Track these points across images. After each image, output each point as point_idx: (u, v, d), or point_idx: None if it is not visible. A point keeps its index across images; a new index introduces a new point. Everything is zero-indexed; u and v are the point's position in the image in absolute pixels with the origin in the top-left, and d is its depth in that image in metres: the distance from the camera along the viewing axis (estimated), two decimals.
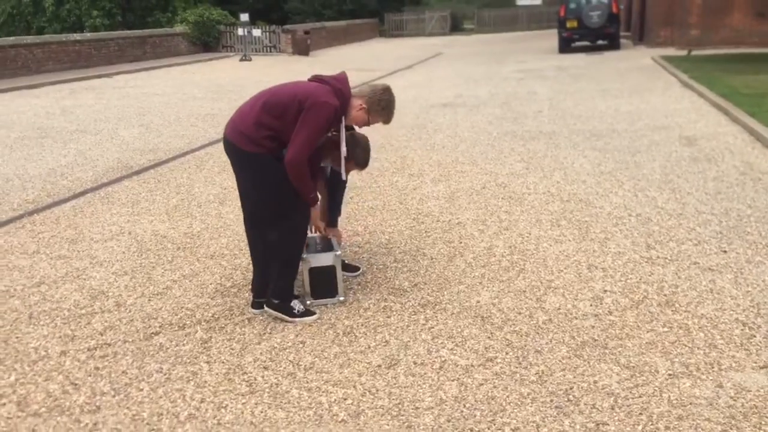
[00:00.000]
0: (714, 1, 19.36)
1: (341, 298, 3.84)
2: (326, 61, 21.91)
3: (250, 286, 3.92)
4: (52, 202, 6.24)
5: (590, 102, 10.92)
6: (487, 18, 35.33)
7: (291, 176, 3.39)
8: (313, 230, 4.07)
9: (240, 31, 23.05)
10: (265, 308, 3.70)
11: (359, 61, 21.90)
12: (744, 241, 4.54)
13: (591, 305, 3.71)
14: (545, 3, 34.91)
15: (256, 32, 24.08)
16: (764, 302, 3.63)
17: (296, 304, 3.68)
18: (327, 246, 3.94)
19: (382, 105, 3.63)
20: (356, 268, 4.30)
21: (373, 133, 4.20)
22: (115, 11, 26.12)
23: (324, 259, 3.78)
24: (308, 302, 3.79)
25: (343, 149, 3.62)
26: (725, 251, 4.38)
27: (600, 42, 21.24)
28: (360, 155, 3.85)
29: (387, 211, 5.65)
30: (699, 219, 5.03)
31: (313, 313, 3.68)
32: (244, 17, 22.55)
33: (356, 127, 3.82)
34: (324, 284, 3.81)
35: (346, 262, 4.25)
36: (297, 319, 3.62)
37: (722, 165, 6.51)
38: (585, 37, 21.01)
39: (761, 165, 6.41)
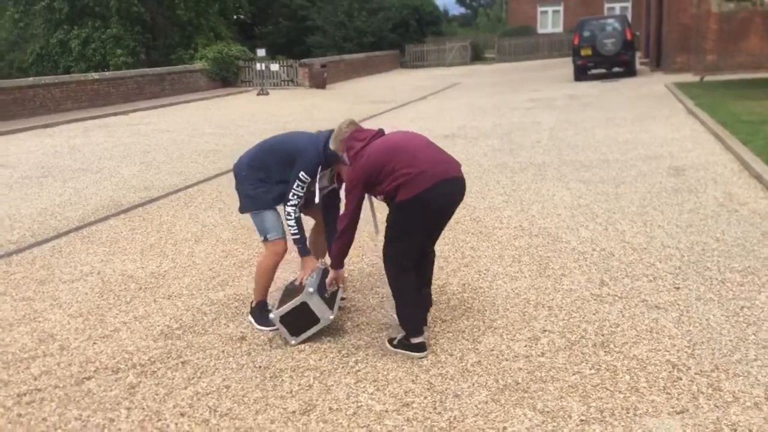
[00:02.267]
0: (730, 26, 19.15)
1: (331, 317, 3.82)
2: (342, 94, 22.15)
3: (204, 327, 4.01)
4: (34, 242, 6.37)
5: (591, 131, 10.84)
6: (507, 47, 35.38)
7: None
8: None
9: (258, 66, 23.46)
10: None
11: (375, 93, 22.08)
12: (700, 276, 4.44)
13: (525, 346, 3.66)
14: (566, 31, 34.88)
15: (274, 67, 24.48)
16: (701, 341, 3.54)
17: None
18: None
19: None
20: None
21: None
22: (139, 50, 26.79)
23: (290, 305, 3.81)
24: (293, 342, 3.83)
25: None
26: (678, 288, 4.29)
27: (616, 69, 21.12)
28: None
29: (354, 247, 5.65)
30: (662, 253, 4.94)
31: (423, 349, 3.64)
32: (261, 52, 22.95)
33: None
34: (301, 321, 3.81)
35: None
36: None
37: (703, 196, 6.40)
38: (600, 64, 20.92)
39: (741, 196, 6.28)
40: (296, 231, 3.94)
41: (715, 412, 2.89)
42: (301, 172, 3.89)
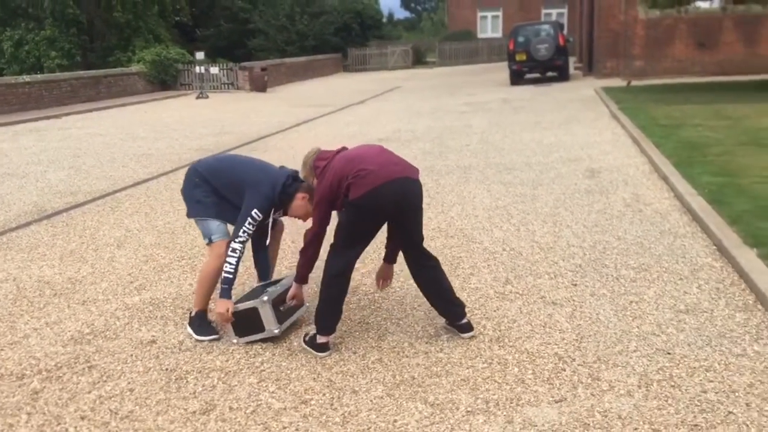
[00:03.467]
0: (656, 32, 19.90)
1: (276, 331, 3.87)
2: (282, 98, 22.13)
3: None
4: None
5: (519, 135, 11.14)
6: (448, 51, 35.89)
7: None
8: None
9: (197, 69, 23.25)
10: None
11: (315, 96, 22.13)
12: (598, 273, 4.68)
13: (426, 342, 3.81)
14: (505, 35, 35.53)
15: (214, 70, 24.30)
16: (589, 335, 3.76)
17: None
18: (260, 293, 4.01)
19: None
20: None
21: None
22: (74, 52, 26.23)
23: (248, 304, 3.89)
24: (234, 340, 3.92)
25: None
26: (575, 284, 4.51)
27: (550, 74, 21.68)
28: None
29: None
30: (566, 252, 5.17)
31: None
32: (200, 55, 22.77)
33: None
34: (248, 324, 3.88)
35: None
36: None
37: (612, 197, 6.70)
38: (534, 69, 21.44)
39: (648, 197, 6.60)
40: (232, 270, 3.85)
41: (591, 400, 3.09)
42: (254, 210, 3.83)
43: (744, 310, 3.92)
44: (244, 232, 3.84)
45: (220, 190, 4.02)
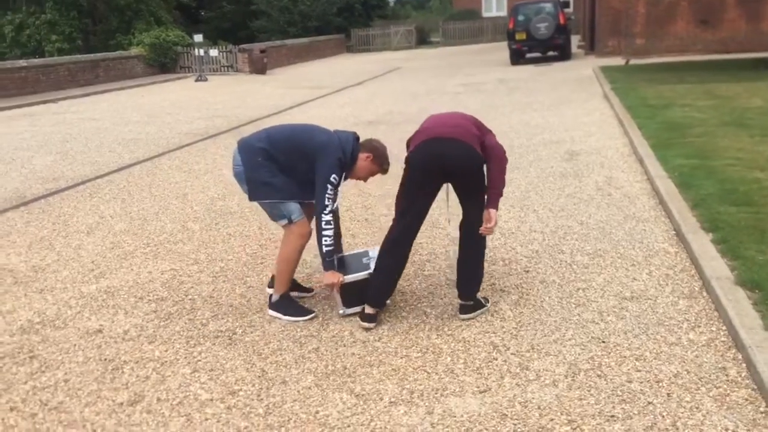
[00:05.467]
0: (658, 10, 19.58)
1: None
2: (281, 80, 22.04)
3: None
4: None
5: (508, 117, 11.03)
6: (452, 31, 35.53)
7: None
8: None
9: (197, 52, 23.18)
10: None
11: (314, 78, 22.02)
12: (552, 260, 4.64)
13: (366, 331, 3.79)
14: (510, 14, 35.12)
15: (213, 52, 24.21)
16: (529, 323, 3.73)
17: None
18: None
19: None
20: (309, 290, 4.39)
21: None
22: (76, 35, 26.22)
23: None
24: (341, 311, 3.99)
25: None
26: (527, 271, 4.47)
27: (550, 53, 21.43)
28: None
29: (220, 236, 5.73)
30: (527, 238, 5.13)
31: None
32: (198, 38, 22.68)
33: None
34: (357, 294, 3.92)
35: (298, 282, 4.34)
36: None
37: (585, 180, 6.62)
38: (534, 48, 21.20)
39: (620, 180, 6.52)
40: (331, 242, 3.73)
41: (515, 390, 3.07)
42: (332, 176, 3.70)
43: (688, 297, 3.87)
44: (328, 199, 3.71)
45: (285, 164, 3.83)
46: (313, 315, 4.02)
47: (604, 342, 3.44)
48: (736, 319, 3.32)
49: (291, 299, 4.08)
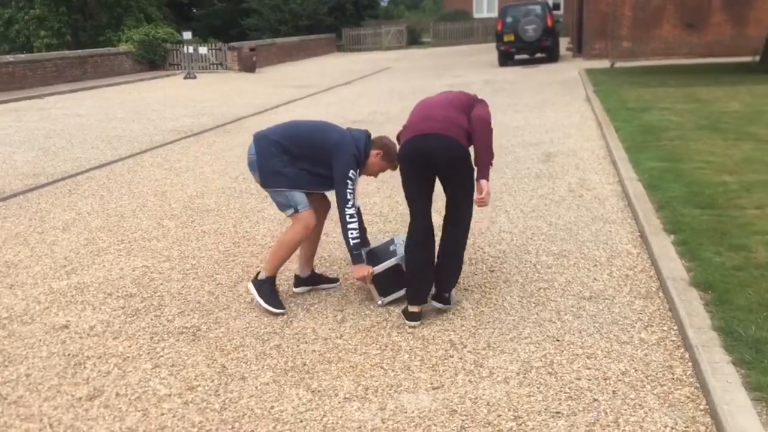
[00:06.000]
0: (644, 13, 19.72)
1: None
2: (269, 78, 22.06)
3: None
4: None
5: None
6: (443, 31, 35.61)
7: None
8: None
9: (186, 49, 23.17)
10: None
11: (303, 77, 22.06)
12: (518, 260, 4.70)
13: (329, 329, 3.85)
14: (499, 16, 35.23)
15: (202, 50, 24.21)
16: (488, 321, 3.79)
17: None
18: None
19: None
20: (335, 280, 4.47)
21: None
22: (64, 31, 26.14)
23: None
24: (380, 302, 4.07)
25: None
26: (492, 271, 4.54)
27: (538, 55, 21.54)
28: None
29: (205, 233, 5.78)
30: (496, 238, 5.19)
31: None
32: (187, 35, 22.67)
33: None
34: (390, 282, 4.02)
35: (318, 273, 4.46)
36: None
37: (558, 182, 6.69)
38: (522, 50, 21.31)
39: (593, 181, 6.60)
40: (358, 235, 3.87)
41: (467, 387, 3.13)
42: (350, 171, 3.83)
43: (645, 298, 3.94)
44: (350, 194, 3.84)
45: (299, 157, 3.94)
46: (282, 312, 4.06)
47: (558, 340, 3.50)
48: (686, 319, 3.39)
49: (274, 287, 4.16)
